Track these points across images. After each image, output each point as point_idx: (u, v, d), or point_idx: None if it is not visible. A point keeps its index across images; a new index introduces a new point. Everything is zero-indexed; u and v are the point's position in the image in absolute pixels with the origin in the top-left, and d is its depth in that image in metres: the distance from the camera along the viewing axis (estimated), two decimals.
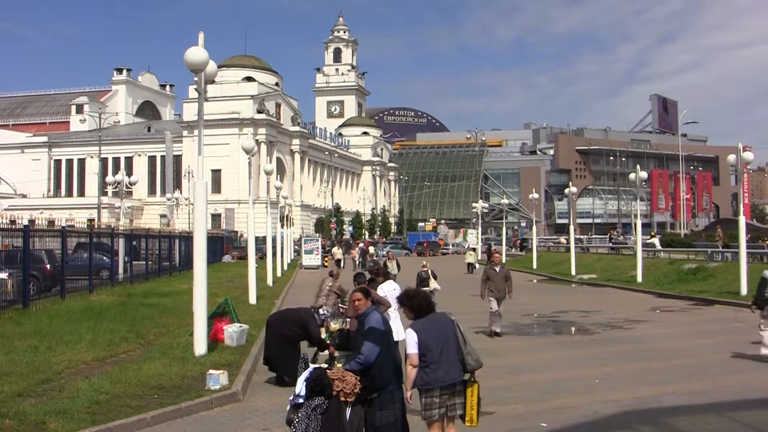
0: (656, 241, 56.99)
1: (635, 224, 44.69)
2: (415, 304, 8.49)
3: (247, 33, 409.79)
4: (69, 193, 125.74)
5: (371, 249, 67.80)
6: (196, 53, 15.98)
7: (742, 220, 33.03)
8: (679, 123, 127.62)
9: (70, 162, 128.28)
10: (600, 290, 39.88)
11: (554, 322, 26.18)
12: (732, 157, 32.18)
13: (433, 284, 26.48)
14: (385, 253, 56.03)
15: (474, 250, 72.33)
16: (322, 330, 14.50)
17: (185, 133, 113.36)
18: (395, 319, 14.49)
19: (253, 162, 36.46)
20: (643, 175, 42.16)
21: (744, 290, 30.44)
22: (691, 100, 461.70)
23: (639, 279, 39.85)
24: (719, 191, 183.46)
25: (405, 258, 71.71)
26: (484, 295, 22.09)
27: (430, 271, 27.38)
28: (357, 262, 62.91)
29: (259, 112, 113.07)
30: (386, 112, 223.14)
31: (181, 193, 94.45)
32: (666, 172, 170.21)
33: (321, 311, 15.77)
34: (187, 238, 47.40)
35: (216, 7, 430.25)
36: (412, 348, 8.14)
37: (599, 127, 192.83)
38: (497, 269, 22.31)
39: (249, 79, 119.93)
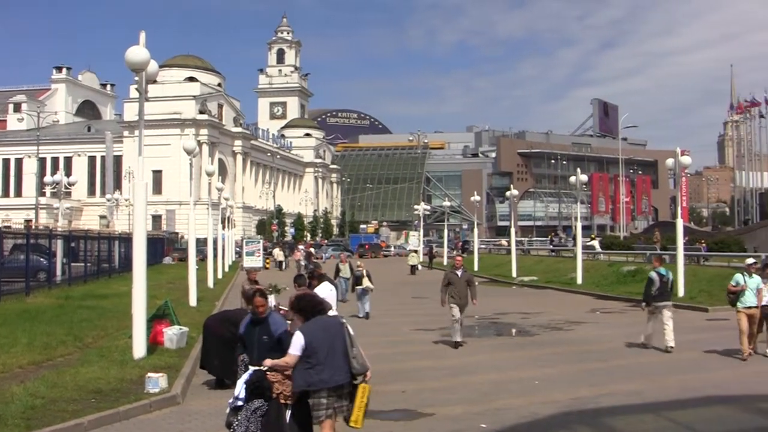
0: (596, 243, 57.55)
1: (575, 227, 45.13)
2: (303, 306, 8.58)
3: (189, 33, 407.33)
4: (5, 194, 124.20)
5: (312, 251, 67.62)
6: (137, 52, 15.83)
7: (680, 223, 33.50)
8: (619, 127, 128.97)
9: (6, 161, 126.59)
10: (540, 292, 40.20)
11: (495, 323, 26.27)
12: (670, 161, 32.62)
13: (366, 283, 27.34)
14: (328, 255, 55.93)
15: (416, 252, 72.70)
16: None
17: (126, 133, 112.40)
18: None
19: (194, 163, 36.25)
20: (584, 178, 42.57)
21: (681, 292, 30.91)
22: (631, 105, 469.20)
23: (579, 281, 40.24)
24: (658, 194, 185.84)
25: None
26: (444, 302, 20.50)
27: (364, 271, 28.02)
28: (302, 265, 62.69)
29: (201, 112, 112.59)
30: (329, 114, 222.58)
31: (121, 193, 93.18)
32: (606, 176, 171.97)
33: None
34: (126, 240, 46.90)
35: (159, 7, 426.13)
36: (294, 349, 8.20)
37: (541, 131, 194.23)
38: (459, 273, 20.33)
39: (191, 79, 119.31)
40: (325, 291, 14.84)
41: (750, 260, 18.86)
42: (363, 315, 27.17)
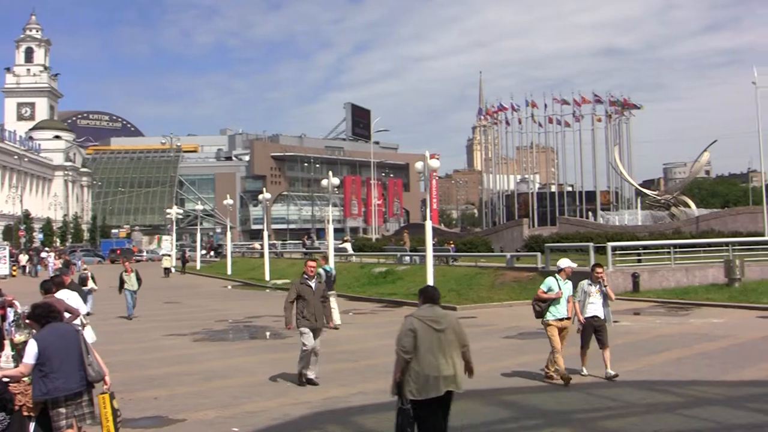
0: (348, 245, 58.43)
1: (328, 229, 45.64)
2: (37, 314, 8.54)
3: None
4: None
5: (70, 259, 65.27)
6: None
7: (429, 225, 34.46)
8: (371, 131, 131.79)
9: None
10: None
11: (248, 327, 26.24)
12: (420, 165, 33.49)
13: (91, 284, 27.73)
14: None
15: (169, 256, 71.72)
16: (6, 343, 13.76)
17: None
18: (82, 327, 13.93)
19: None
20: (336, 181, 43.08)
21: None
22: (385, 109, 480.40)
23: None
24: (409, 197, 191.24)
25: (98, 266, 69.61)
26: (290, 322, 15.30)
27: (89, 273, 28.67)
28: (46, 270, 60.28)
29: None
30: (80, 116, 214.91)
31: None
32: (359, 179, 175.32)
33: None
34: None
35: None
36: (27, 358, 8.11)
37: (295, 134, 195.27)
38: (312, 284, 15.39)
39: None
40: (68, 298, 14.28)
41: (565, 262, 15.25)
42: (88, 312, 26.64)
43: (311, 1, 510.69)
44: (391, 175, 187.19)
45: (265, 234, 53.74)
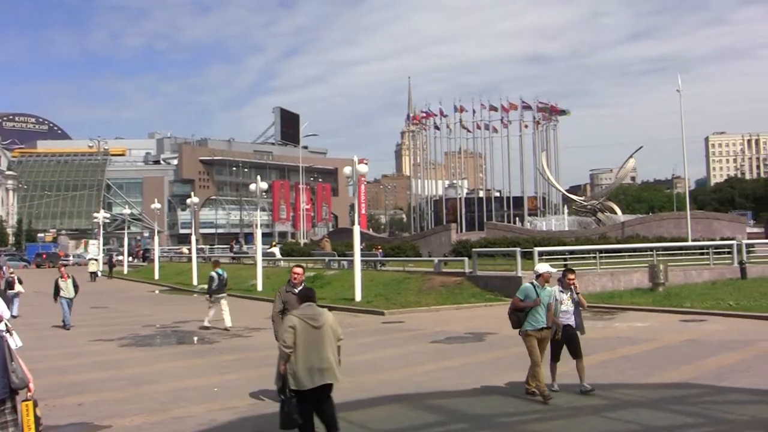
0: (276, 250, 58.30)
1: (256, 234, 45.44)
2: None
3: None
4: None
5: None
6: None
7: (357, 230, 34.54)
8: (300, 135, 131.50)
9: None
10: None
11: (176, 332, 26.07)
12: (348, 169, 33.64)
13: (18, 287, 28.43)
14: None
15: (96, 260, 70.89)
16: None
17: None
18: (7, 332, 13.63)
19: None
20: (264, 185, 43.04)
21: (358, 296, 31.94)
22: (314, 113, 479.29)
23: (259, 288, 40.57)
24: (338, 202, 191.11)
25: (24, 270, 68.36)
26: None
27: (15, 277, 29.24)
28: None
29: None
30: (5, 118, 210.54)
31: None
32: (287, 183, 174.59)
33: None
34: None
35: None
36: None
37: (224, 138, 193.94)
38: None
39: None
40: None
41: (543, 267, 14.05)
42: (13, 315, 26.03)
43: (241, 5, 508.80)
44: (320, 180, 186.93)
45: (193, 238, 53.42)
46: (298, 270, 14.07)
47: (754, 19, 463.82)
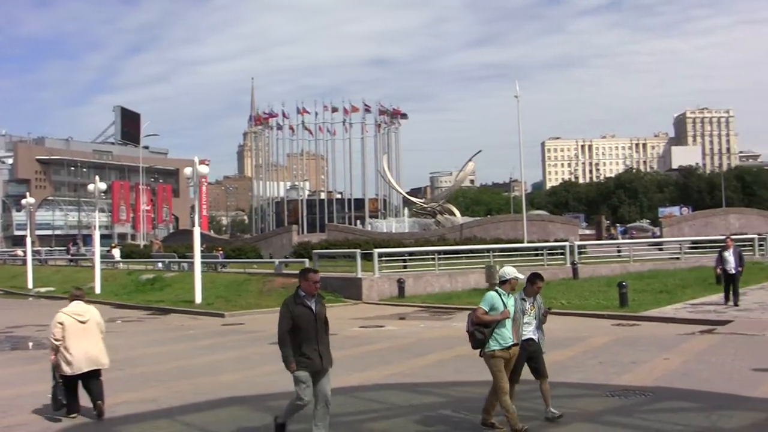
0: (116, 252, 57.13)
1: (95, 235, 44.44)
2: None
3: None
4: None
5: None
6: None
7: (197, 231, 34.28)
8: (141, 135, 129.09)
9: None
10: (58, 303, 38.82)
11: (9, 337, 25.30)
12: (188, 170, 33.27)
13: None
14: None
15: None
16: None
17: None
18: None
19: None
20: (103, 186, 42.15)
21: (198, 298, 31.70)
22: (156, 113, 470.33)
23: (98, 290, 39.71)
24: (179, 203, 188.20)
25: None
26: (293, 360, 10.16)
27: None
28: None
29: None
30: None
31: None
32: (127, 184, 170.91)
33: None
34: None
35: None
36: None
37: (62, 137, 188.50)
38: (313, 306, 10.59)
39: None
40: None
41: (510, 271, 11.12)
42: None
43: (81, 0, 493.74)
44: (161, 181, 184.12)
45: (29, 240, 51.78)
46: (315, 277, 10.73)
47: (589, 30, 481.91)
